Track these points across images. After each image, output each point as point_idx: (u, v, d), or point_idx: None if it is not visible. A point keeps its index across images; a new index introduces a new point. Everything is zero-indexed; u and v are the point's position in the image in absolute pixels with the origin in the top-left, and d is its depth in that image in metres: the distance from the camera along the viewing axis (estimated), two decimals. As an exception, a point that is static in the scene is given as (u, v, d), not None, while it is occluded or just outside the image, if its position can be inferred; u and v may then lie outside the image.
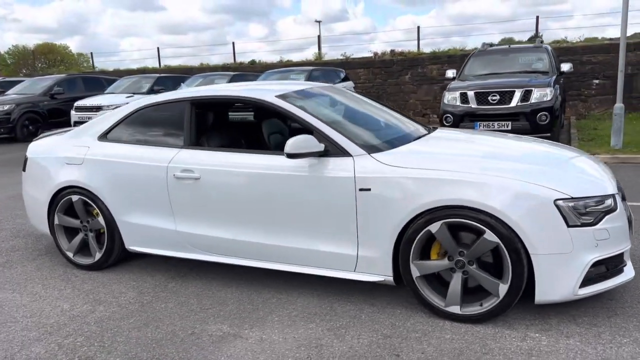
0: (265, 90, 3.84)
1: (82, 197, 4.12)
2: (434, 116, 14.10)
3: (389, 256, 3.17)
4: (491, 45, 11.09)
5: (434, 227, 3.00)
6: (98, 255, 4.17)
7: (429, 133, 3.96)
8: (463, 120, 8.74)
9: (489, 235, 2.89)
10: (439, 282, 3.19)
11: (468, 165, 3.07)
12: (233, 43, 21.04)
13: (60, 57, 45.23)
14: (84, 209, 4.17)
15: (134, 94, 14.38)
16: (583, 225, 2.84)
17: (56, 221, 4.29)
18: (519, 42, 21.43)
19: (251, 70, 17.28)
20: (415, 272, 3.12)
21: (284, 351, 2.86)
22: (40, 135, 4.82)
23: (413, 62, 14.91)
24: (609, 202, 2.95)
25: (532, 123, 8.34)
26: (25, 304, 3.66)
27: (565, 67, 9.60)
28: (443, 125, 8.88)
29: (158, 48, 22.36)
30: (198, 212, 3.70)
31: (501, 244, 2.88)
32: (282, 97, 3.68)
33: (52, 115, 14.26)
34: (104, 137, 4.15)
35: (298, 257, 3.46)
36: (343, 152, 3.29)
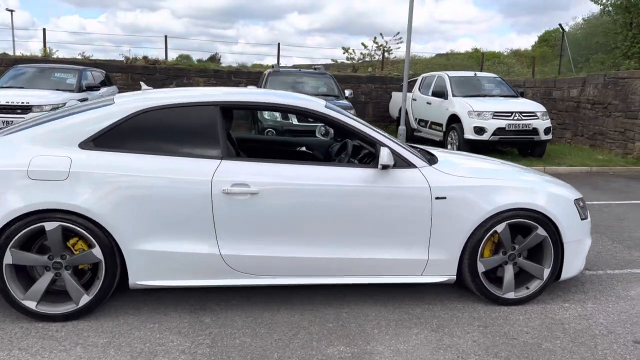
0: (311, 100, 3.67)
1: (64, 223, 3.07)
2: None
3: (457, 257, 3.56)
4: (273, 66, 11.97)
5: (500, 227, 3.55)
6: (85, 299, 3.17)
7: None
8: (284, 135, 9.28)
9: (541, 231, 3.61)
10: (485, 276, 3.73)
11: (513, 176, 3.74)
12: None
13: None
14: (62, 240, 3.12)
15: None
16: (585, 218, 3.84)
17: (8, 260, 3.05)
18: (200, 61, 22.82)
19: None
20: (481, 268, 3.59)
21: (429, 356, 2.95)
22: None
23: (179, 73, 14.58)
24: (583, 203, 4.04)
25: (342, 140, 9.50)
26: (40, 377, 2.58)
27: (347, 92, 11.20)
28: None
29: None
30: (252, 231, 3.28)
31: (547, 237, 3.63)
32: (329, 108, 3.62)
33: None
34: (90, 144, 3.20)
35: (366, 268, 3.48)
36: (408, 164, 3.51)
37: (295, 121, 9.27)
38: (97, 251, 3.13)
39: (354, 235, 3.41)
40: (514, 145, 11.27)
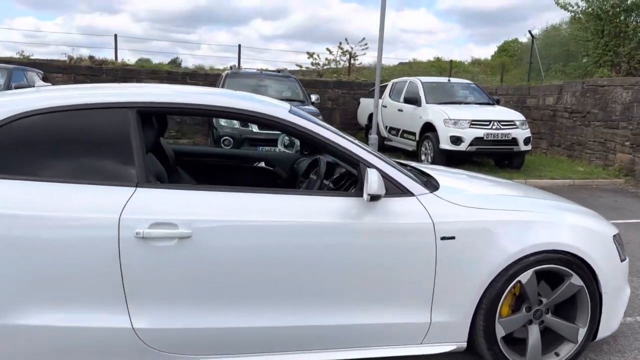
0: (271, 103, 2.67)
1: None
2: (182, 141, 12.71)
3: (469, 317, 2.62)
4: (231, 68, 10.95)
5: (525, 277, 2.63)
6: None
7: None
8: (243, 144, 8.24)
9: (576, 279, 2.71)
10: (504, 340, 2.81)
11: (538, 205, 2.84)
12: None
13: None
14: None
15: None
16: (624, 259, 2.97)
17: None
18: (160, 64, 21.60)
19: None
20: (500, 332, 2.66)
21: None
22: None
23: (127, 74, 13.27)
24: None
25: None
26: None
27: (314, 97, 10.25)
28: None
29: None
30: (181, 294, 2.26)
31: (584, 287, 2.74)
32: (295, 114, 2.62)
33: None
34: None
35: (347, 337, 2.50)
36: (402, 191, 2.56)
37: (255, 129, 8.23)
38: (-63, 330, 2.05)
39: (331, 293, 2.42)
40: (490, 156, 10.54)
